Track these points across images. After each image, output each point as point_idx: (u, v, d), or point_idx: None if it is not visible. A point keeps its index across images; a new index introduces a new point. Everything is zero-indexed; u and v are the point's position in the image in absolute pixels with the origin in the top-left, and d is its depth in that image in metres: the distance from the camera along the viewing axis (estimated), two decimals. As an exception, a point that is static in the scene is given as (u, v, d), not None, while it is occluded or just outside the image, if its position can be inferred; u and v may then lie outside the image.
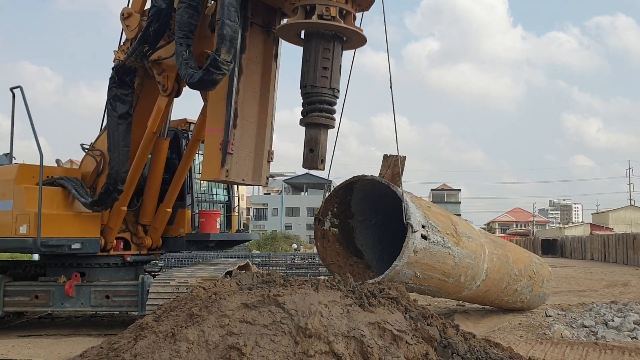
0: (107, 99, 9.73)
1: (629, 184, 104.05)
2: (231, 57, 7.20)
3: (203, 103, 9.84)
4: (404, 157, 9.71)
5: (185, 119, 11.62)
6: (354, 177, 9.88)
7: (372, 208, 10.70)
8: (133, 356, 5.75)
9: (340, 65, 7.85)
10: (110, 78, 9.74)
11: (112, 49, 10.14)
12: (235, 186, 12.30)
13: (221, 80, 7.48)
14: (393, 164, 9.59)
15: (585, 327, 11.50)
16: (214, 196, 12.18)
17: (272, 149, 9.04)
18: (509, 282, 12.37)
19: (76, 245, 9.94)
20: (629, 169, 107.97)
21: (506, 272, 12.22)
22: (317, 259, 30.00)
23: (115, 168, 9.66)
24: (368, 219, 10.89)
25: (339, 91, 7.83)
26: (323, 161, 7.86)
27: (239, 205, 12.60)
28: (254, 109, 8.37)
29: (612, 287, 21.85)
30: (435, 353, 6.32)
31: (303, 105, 7.79)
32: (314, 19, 7.41)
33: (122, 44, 10.21)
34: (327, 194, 10.28)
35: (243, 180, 8.38)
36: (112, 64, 9.89)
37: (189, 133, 11.46)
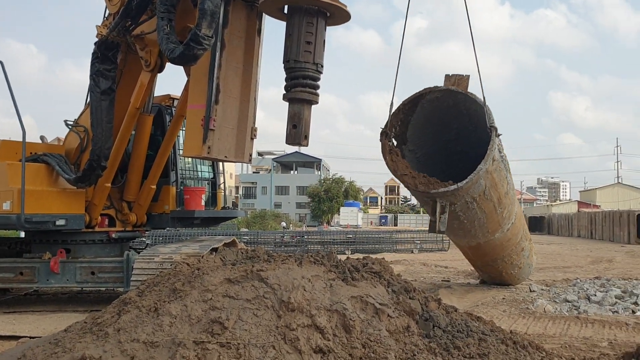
0: (90, 75, 9.62)
1: (617, 161, 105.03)
2: (212, 31, 7.11)
3: (187, 79, 9.75)
4: (468, 76, 9.63)
5: (169, 95, 11.51)
6: (424, 89, 9.79)
7: (422, 139, 10.62)
8: (116, 330, 5.76)
9: (324, 41, 7.73)
10: (92, 53, 9.61)
11: (97, 25, 10.00)
12: (221, 163, 12.26)
13: (202, 55, 7.38)
14: (457, 82, 9.48)
15: (568, 301, 11.67)
16: (199, 173, 12.13)
17: (256, 125, 8.95)
18: (521, 237, 12.75)
19: (61, 222, 9.90)
20: (617, 146, 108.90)
21: (521, 225, 12.76)
22: (305, 237, 30.30)
23: (98, 144, 9.58)
24: (415, 150, 10.85)
25: (322, 66, 7.71)
26: (307, 137, 7.77)
27: (224, 182, 12.53)
28: (237, 84, 8.25)
29: (597, 264, 22.17)
30: (417, 326, 6.39)
31: (286, 80, 7.68)
32: None
33: (105, 18, 10.06)
34: (392, 109, 9.93)
35: (225, 157, 8.30)
36: (95, 40, 9.76)
37: (173, 109, 11.35)
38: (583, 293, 12.38)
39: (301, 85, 7.55)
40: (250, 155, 8.73)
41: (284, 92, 7.75)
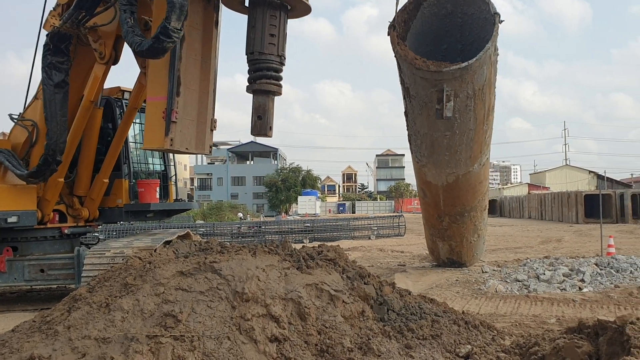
0: (42, 67, 9.30)
1: (565, 144, 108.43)
2: (181, 24, 7.06)
3: (140, 71, 9.59)
4: None
5: (119, 87, 11.26)
6: None
7: (418, 51, 10.80)
8: (66, 328, 5.64)
9: (286, 33, 7.83)
10: (44, 45, 9.29)
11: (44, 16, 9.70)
12: (171, 155, 12.13)
13: (170, 49, 7.33)
14: None
15: (519, 281, 12.03)
16: (150, 166, 11.93)
17: (215, 117, 8.93)
18: (486, 192, 13.34)
19: (13, 219, 9.64)
20: (565, 129, 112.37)
21: (486, 179, 13.30)
22: (263, 227, 30.17)
23: (53, 138, 9.31)
24: None
25: (285, 58, 7.83)
26: (271, 128, 7.85)
27: (175, 174, 12.40)
28: (196, 76, 8.21)
29: (546, 243, 22.91)
30: (372, 310, 6.49)
31: (249, 72, 7.72)
32: None
33: (53, 9, 9.76)
34: (398, 6, 10.48)
35: (187, 148, 8.25)
36: (41, 31, 9.48)
37: (123, 101, 11.13)
38: (533, 272, 12.77)
39: (266, 77, 7.61)
40: (211, 147, 8.71)
41: (248, 83, 7.76)
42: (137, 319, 5.55)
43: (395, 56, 10.32)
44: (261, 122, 7.70)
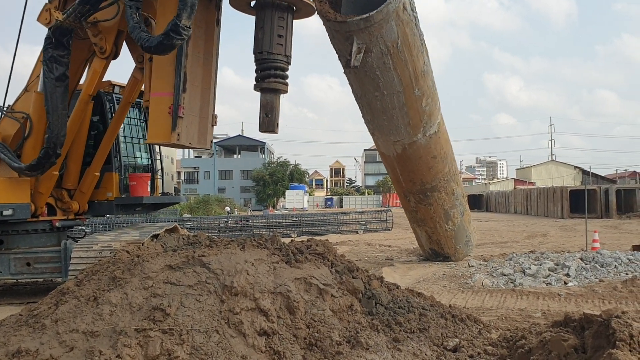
0: (43, 61, 9.30)
1: (551, 140, 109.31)
2: (191, 22, 7.17)
3: (135, 65, 9.68)
4: None
5: (110, 81, 11.24)
6: None
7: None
8: (54, 321, 5.60)
9: (292, 34, 8.10)
10: (46, 39, 9.29)
11: (49, 9, 9.62)
12: (157, 149, 12.22)
13: (179, 45, 7.47)
14: None
15: (505, 275, 12.14)
16: (139, 160, 11.91)
17: (215, 112, 9.13)
18: (450, 170, 13.52)
19: (8, 212, 9.62)
20: (551, 125, 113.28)
21: (451, 157, 13.62)
22: (250, 221, 30.15)
23: (55, 131, 9.31)
24: None
25: (291, 58, 8.08)
26: (278, 125, 8.14)
27: (161, 168, 12.41)
28: (199, 73, 8.42)
29: (532, 238, 23.11)
30: (360, 304, 6.52)
31: (257, 71, 7.95)
32: None
33: (48, 1, 9.71)
34: None
35: (190, 143, 8.48)
36: (37, 22, 9.42)
37: (113, 95, 11.15)
38: (518, 267, 12.89)
39: (273, 76, 7.87)
40: (211, 142, 8.92)
41: (255, 81, 8.02)
42: (126, 312, 5.54)
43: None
44: (269, 119, 7.99)
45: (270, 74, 7.87)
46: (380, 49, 10.28)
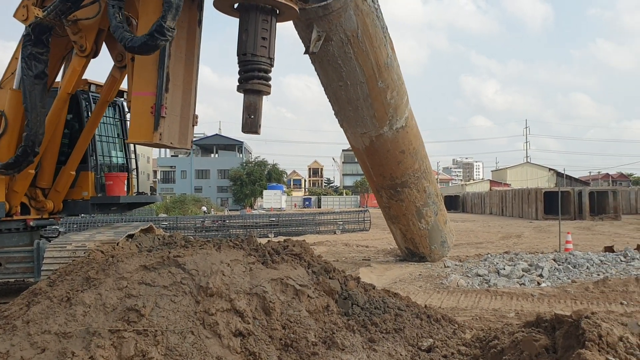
0: (22, 58, 9.17)
1: (526, 142, 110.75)
2: (175, 24, 7.19)
3: (113, 64, 9.62)
4: None
5: (86, 80, 11.11)
6: None
7: None
8: (25, 323, 5.52)
9: (275, 37, 8.21)
10: (24, 35, 9.16)
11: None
12: (132, 148, 12.14)
13: (162, 46, 7.47)
14: None
15: (479, 276, 12.28)
16: (114, 159, 11.79)
17: (196, 113, 9.15)
18: (421, 167, 13.71)
19: None
20: (526, 127, 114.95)
21: (422, 154, 13.82)
22: (227, 221, 30.00)
23: (33, 129, 9.18)
24: None
25: (274, 60, 8.19)
26: (260, 126, 8.24)
27: (136, 167, 12.32)
28: (181, 73, 8.43)
29: (507, 239, 23.41)
30: (336, 305, 6.54)
31: (241, 72, 8.00)
32: None
33: None
34: None
35: (171, 143, 8.48)
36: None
37: (90, 94, 11.04)
38: (493, 267, 13.06)
39: (257, 78, 7.96)
40: (192, 142, 8.92)
41: (239, 83, 8.08)
42: (100, 313, 5.48)
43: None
44: (252, 120, 8.06)
45: (254, 76, 7.96)
46: (340, 37, 10.52)
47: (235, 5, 8.19)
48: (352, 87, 11.49)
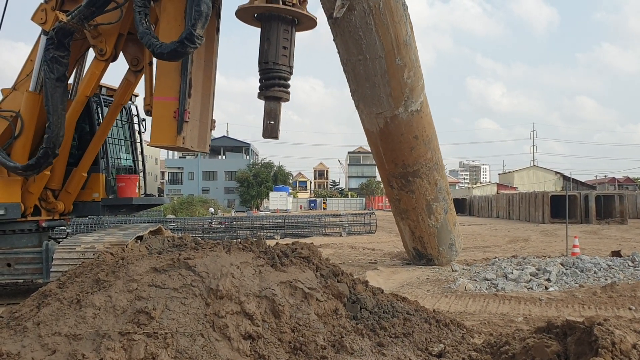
0: (44, 61, 9.27)
1: (533, 145, 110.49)
2: (203, 32, 7.34)
3: (128, 68, 9.79)
4: None
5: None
6: None
7: None
8: (36, 324, 5.54)
9: (294, 46, 8.52)
10: (47, 39, 9.27)
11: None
12: (140, 150, 12.30)
13: (191, 53, 7.68)
14: None
15: (487, 280, 12.24)
16: (123, 161, 11.87)
17: (214, 117, 9.40)
18: (433, 157, 13.74)
19: (1, 211, 9.56)
20: (533, 131, 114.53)
21: (435, 145, 13.83)
22: (234, 222, 30.03)
23: (55, 132, 9.28)
24: None
25: (293, 68, 8.50)
26: (279, 131, 8.58)
27: (144, 169, 12.41)
28: (200, 79, 8.65)
29: (514, 243, 23.32)
30: (345, 308, 6.53)
31: (262, 80, 8.32)
32: (280, 4, 8.16)
33: (44, 1, 9.66)
34: None
35: (192, 146, 8.67)
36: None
37: (101, 97, 11.14)
38: (501, 271, 13.01)
39: (277, 85, 8.31)
40: (210, 146, 9.13)
41: (259, 90, 8.42)
42: (110, 315, 5.49)
43: None
44: (272, 125, 8.42)
45: (275, 83, 8.28)
46: (363, 7, 10.68)
47: (255, 15, 8.44)
48: (370, 62, 11.60)
